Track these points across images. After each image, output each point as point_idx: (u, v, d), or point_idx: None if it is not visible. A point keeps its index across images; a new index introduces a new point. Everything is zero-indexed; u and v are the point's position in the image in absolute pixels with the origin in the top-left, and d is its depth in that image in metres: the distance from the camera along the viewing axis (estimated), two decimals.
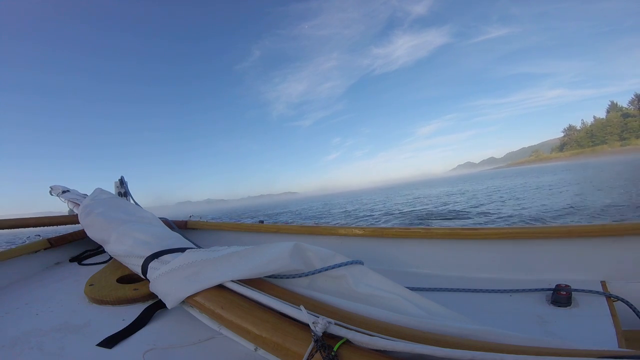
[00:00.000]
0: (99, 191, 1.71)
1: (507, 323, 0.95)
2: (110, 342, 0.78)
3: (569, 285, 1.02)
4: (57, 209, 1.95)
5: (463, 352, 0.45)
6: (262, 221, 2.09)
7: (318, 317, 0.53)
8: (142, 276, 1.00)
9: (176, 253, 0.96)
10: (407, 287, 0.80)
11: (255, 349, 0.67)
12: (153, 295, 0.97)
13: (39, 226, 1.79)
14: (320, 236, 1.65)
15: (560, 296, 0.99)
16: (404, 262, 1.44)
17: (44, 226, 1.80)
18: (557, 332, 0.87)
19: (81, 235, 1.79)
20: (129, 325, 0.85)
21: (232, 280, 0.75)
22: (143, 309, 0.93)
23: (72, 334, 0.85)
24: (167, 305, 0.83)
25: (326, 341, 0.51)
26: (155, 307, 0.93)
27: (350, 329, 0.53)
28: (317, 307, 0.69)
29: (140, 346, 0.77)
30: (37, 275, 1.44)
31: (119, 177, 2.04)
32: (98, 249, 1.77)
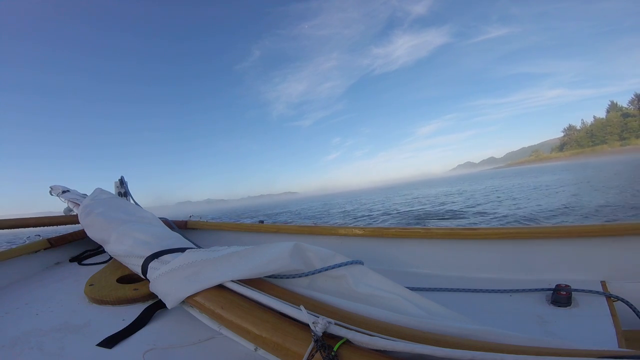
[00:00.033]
0: (99, 191, 1.71)
1: (507, 323, 0.95)
2: (110, 342, 0.78)
3: (569, 285, 1.02)
4: (57, 209, 1.95)
5: (463, 352, 0.45)
6: (262, 221, 2.08)
7: (318, 317, 0.53)
8: (142, 276, 1.00)
9: (176, 253, 0.97)
10: (407, 287, 0.80)
11: (255, 349, 0.67)
12: (153, 295, 0.97)
13: (39, 226, 1.79)
14: (320, 236, 1.65)
15: (560, 296, 0.99)
16: (404, 262, 1.44)
17: (44, 226, 1.80)
18: (557, 332, 0.87)
19: (81, 235, 1.79)
20: (129, 325, 0.85)
21: (232, 280, 0.75)
22: (143, 309, 0.93)
23: (72, 334, 0.85)
24: (167, 305, 0.83)
25: (326, 341, 0.51)
26: (155, 307, 0.94)
27: (350, 329, 0.53)
28: (317, 307, 0.69)
29: (140, 346, 0.77)
30: (37, 275, 1.44)
31: (119, 177, 2.05)
32: (98, 249, 1.77)
